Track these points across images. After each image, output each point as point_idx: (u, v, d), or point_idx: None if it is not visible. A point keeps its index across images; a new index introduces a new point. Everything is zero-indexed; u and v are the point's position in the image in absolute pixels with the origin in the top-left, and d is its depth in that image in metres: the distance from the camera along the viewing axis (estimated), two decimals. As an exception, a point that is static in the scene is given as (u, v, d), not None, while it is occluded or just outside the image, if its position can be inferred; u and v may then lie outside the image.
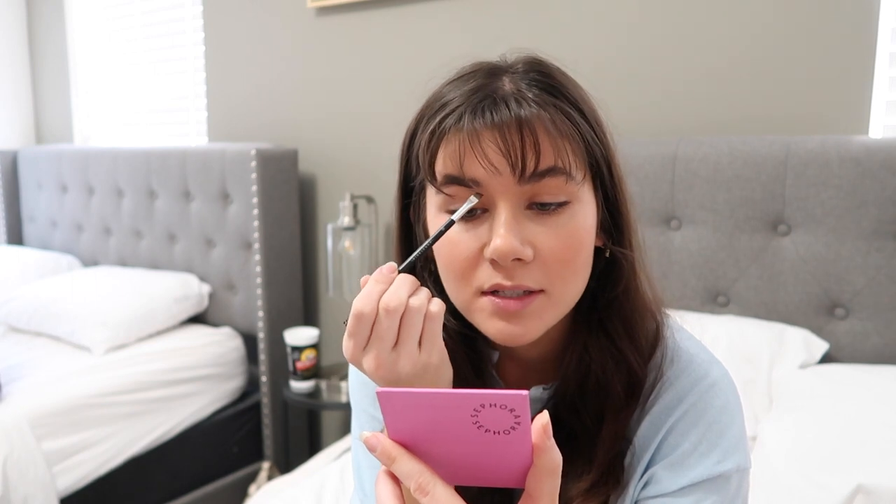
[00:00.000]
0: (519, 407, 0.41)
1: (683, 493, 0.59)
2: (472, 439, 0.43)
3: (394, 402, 0.44)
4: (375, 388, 0.43)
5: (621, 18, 1.67)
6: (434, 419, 0.44)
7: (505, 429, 0.42)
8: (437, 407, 0.43)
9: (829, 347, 1.36)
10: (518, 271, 0.56)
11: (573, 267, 0.57)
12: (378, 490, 0.47)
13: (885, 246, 1.31)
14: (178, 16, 2.63)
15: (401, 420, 0.45)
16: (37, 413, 1.71)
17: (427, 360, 0.56)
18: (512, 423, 0.42)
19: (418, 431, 0.45)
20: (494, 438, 0.43)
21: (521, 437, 0.43)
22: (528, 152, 0.54)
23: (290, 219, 2.20)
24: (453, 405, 0.42)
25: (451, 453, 0.45)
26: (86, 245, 2.75)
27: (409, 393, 0.43)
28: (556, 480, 0.45)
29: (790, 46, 1.47)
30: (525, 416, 0.42)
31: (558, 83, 0.58)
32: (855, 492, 1.00)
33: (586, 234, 0.58)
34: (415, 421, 0.44)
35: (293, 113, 2.31)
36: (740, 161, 1.43)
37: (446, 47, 1.95)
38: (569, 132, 0.56)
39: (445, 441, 0.45)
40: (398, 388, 0.43)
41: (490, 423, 0.42)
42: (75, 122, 3.02)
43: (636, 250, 0.63)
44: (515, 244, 0.55)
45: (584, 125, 0.57)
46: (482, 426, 0.43)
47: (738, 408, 0.62)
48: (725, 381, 0.63)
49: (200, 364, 2.07)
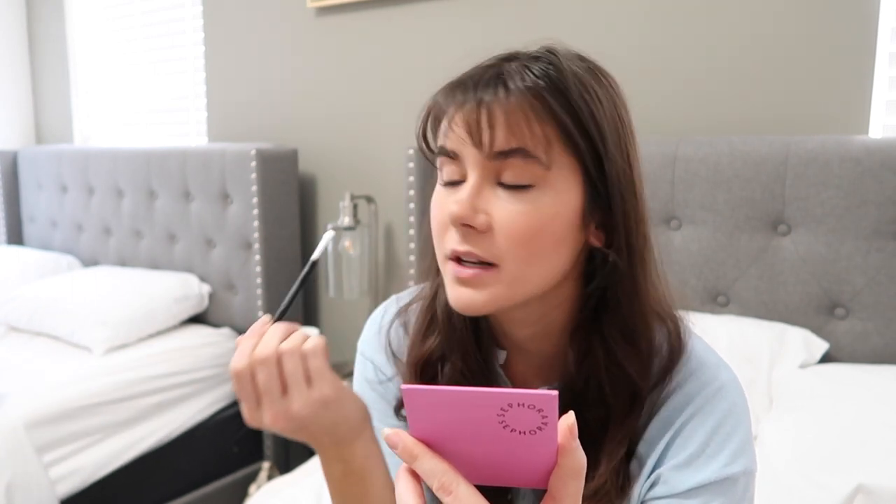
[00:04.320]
0: (547, 407, 0.41)
1: (691, 495, 0.59)
2: (496, 439, 0.43)
3: (419, 399, 0.43)
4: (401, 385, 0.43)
5: (621, 18, 1.67)
6: (459, 418, 0.43)
7: (531, 429, 0.42)
8: (463, 405, 0.42)
9: (829, 347, 1.36)
10: (472, 238, 0.57)
11: (530, 248, 0.57)
12: (398, 488, 0.47)
13: (885, 246, 1.31)
14: (178, 16, 2.63)
15: (425, 417, 0.44)
16: (37, 413, 1.71)
17: (321, 395, 0.58)
18: (539, 423, 0.42)
19: (442, 430, 0.44)
20: (520, 438, 0.43)
21: (547, 438, 0.42)
22: (484, 131, 0.56)
23: (290, 219, 2.20)
24: (481, 404, 0.42)
25: (474, 452, 0.45)
26: (86, 245, 2.74)
27: (437, 390, 0.43)
28: (580, 482, 0.45)
29: (790, 46, 1.47)
30: (553, 417, 0.41)
31: (557, 72, 0.57)
32: (855, 492, 1.00)
33: (551, 221, 0.57)
34: (439, 419, 0.44)
35: (293, 113, 2.31)
36: (740, 161, 1.43)
37: (446, 47, 1.95)
38: (539, 116, 0.56)
39: (469, 440, 0.44)
40: (424, 385, 0.43)
41: (516, 422, 0.42)
42: (75, 122, 3.02)
43: (641, 253, 0.61)
44: (468, 209, 0.57)
45: (564, 111, 0.56)
46: (508, 426, 0.42)
47: (745, 411, 0.62)
48: (733, 385, 0.63)
49: (201, 365, 2.07)
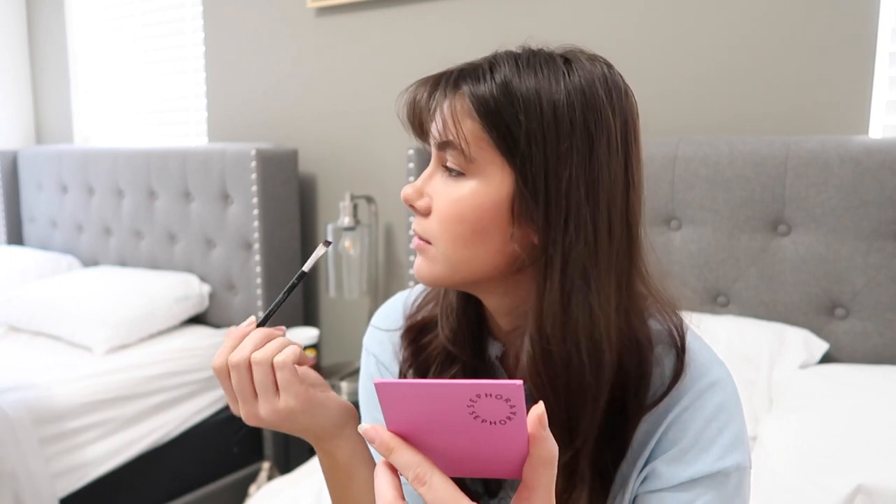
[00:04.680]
0: (514, 397, 0.42)
1: (682, 489, 0.59)
2: (469, 430, 0.44)
3: (392, 394, 0.44)
4: (374, 380, 0.44)
5: (621, 18, 1.67)
6: (432, 410, 0.44)
7: (501, 419, 0.43)
8: (434, 397, 0.43)
9: (829, 347, 1.36)
10: (419, 219, 0.63)
11: (455, 231, 0.60)
12: (377, 481, 0.48)
13: (885, 246, 1.31)
14: (178, 16, 2.63)
15: (399, 411, 0.45)
16: (37, 413, 1.71)
17: (287, 406, 0.61)
18: (508, 412, 0.42)
19: (416, 423, 0.45)
20: (491, 429, 0.43)
21: (517, 428, 0.43)
22: (426, 123, 0.62)
23: (290, 219, 2.20)
24: (450, 395, 0.43)
25: (448, 444, 0.46)
26: (86, 245, 2.74)
27: (406, 384, 0.44)
28: (552, 471, 0.46)
29: (790, 46, 1.47)
30: (521, 406, 0.42)
31: (515, 70, 0.58)
32: (855, 492, 1.00)
33: (477, 209, 0.59)
34: (412, 412, 0.45)
35: (293, 113, 2.31)
36: (740, 161, 1.43)
37: (446, 47, 1.95)
38: (471, 115, 0.58)
39: (443, 432, 0.45)
40: (395, 380, 0.44)
41: (486, 413, 0.43)
42: (75, 122, 3.02)
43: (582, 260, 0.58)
44: (409, 192, 0.63)
45: (508, 112, 0.57)
46: (478, 416, 0.43)
47: (737, 407, 0.63)
48: (726, 381, 0.63)
49: (201, 365, 2.07)
